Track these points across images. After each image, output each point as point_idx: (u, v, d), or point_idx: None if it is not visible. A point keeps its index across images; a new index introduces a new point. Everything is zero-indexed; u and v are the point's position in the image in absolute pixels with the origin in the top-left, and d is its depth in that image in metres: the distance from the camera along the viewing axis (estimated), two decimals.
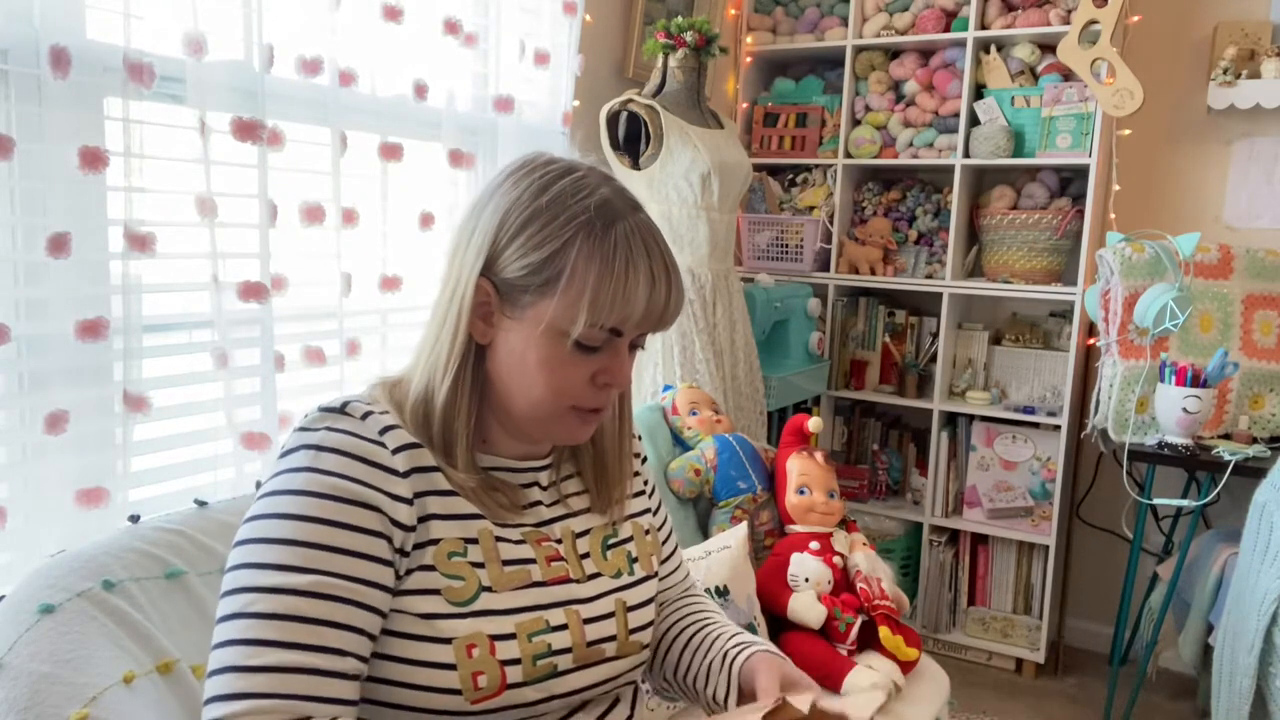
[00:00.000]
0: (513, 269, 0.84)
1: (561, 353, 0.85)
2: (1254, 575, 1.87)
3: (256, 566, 0.76)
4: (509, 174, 0.88)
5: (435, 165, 1.93)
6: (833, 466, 1.96)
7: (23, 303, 1.28)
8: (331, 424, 0.83)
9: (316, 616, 0.75)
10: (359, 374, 1.80)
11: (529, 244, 0.83)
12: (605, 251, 0.82)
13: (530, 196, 0.84)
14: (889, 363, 3.04)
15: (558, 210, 0.83)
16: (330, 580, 0.76)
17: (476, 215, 0.87)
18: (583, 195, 0.84)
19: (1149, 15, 2.72)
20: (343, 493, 0.79)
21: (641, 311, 0.84)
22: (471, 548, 0.85)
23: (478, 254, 0.85)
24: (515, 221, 0.84)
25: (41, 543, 1.28)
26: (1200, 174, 2.79)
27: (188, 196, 1.43)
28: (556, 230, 0.83)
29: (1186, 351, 2.49)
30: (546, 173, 0.86)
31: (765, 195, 3.06)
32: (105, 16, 1.32)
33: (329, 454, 0.80)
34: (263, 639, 0.74)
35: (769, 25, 3.10)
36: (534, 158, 0.89)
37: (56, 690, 0.88)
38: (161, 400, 1.41)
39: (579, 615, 0.89)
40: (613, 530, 0.98)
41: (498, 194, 0.86)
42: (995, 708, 2.64)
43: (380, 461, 0.81)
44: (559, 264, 0.82)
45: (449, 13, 1.89)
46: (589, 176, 0.87)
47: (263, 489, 0.81)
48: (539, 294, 0.83)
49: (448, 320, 0.86)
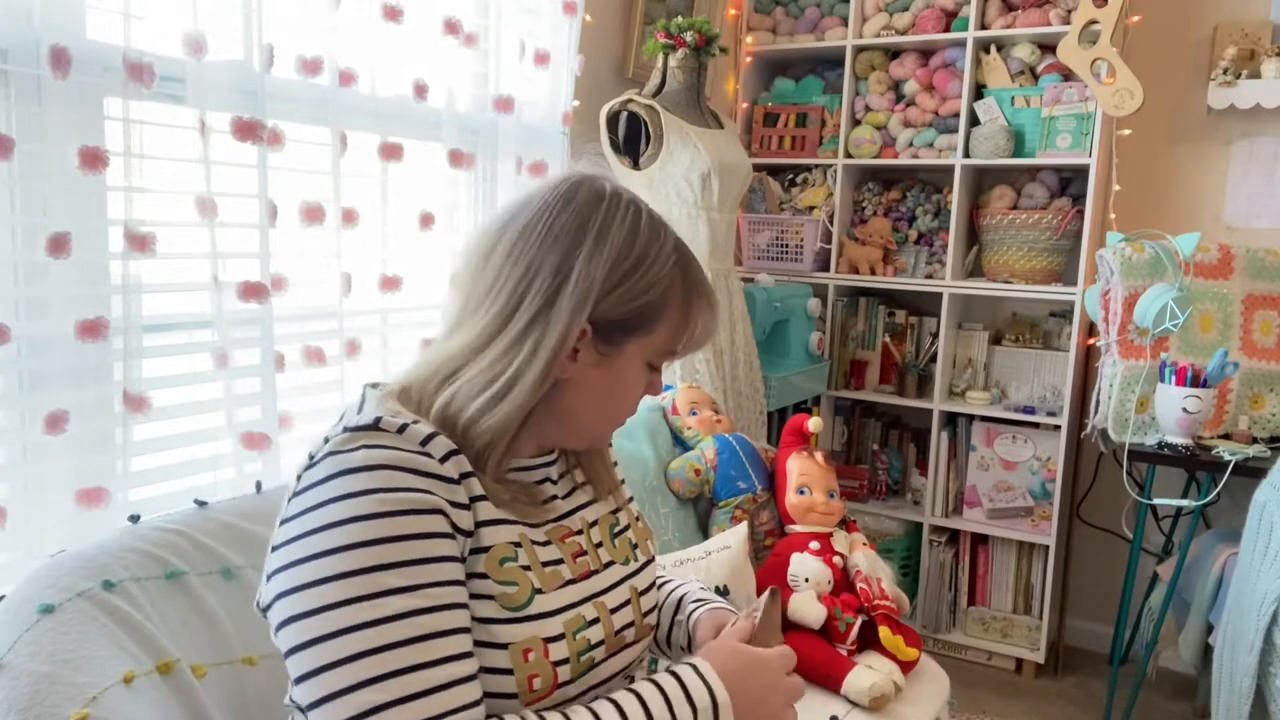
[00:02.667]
0: (616, 311, 0.87)
1: (640, 380, 0.92)
2: (1254, 575, 1.87)
3: (340, 604, 0.72)
4: (590, 209, 0.88)
5: (435, 165, 1.93)
6: (833, 466, 1.96)
7: (23, 303, 1.28)
8: (368, 442, 0.79)
9: (429, 631, 0.74)
10: (359, 374, 1.80)
11: (635, 289, 0.87)
12: (697, 288, 0.91)
13: (627, 242, 0.87)
14: (889, 363, 3.04)
15: (654, 254, 0.88)
16: (426, 591, 0.75)
17: (563, 251, 0.86)
18: (663, 236, 0.90)
19: (1149, 15, 2.72)
20: (407, 504, 0.76)
21: (709, 335, 0.94)
22: (519, 552, 0.86)
23: (585, 299, 0.85)
24: (622, 268, 0.86)
25: (41, 543, 1.28)
26: (1200, 174, 2.79)
27: (188, 196, 1.43)
28: (658, 275, 0.88)
29: (1186, 351, 2.49)
30: (628, 211, 0.89)
31: (765, 195, 3.06)
32: (105, 16, 1.32)
33: (379, 471, 0.77)
34: (391, 671, 0.71)
35: (769, 25, 3.10)
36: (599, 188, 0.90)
37: (56, 690, 0.88)
38: (161, 400, 1.41)
39: (606, 606, 0.91)
40: (615, 519, 1.01)
41: (591, 234, 0.86)
42: (995, 708, 2.64)
43: (432, 471, 0.80)
44: (660, 305, 0.88)
45: (449, 13, 1.89)
46: (653, 213, 0.92)
47: (305, 524, 0.76)
48: (636, 332, 0.89)
49: (534, 356, 0.84)
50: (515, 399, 0.84)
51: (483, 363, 0.86)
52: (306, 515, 0.77)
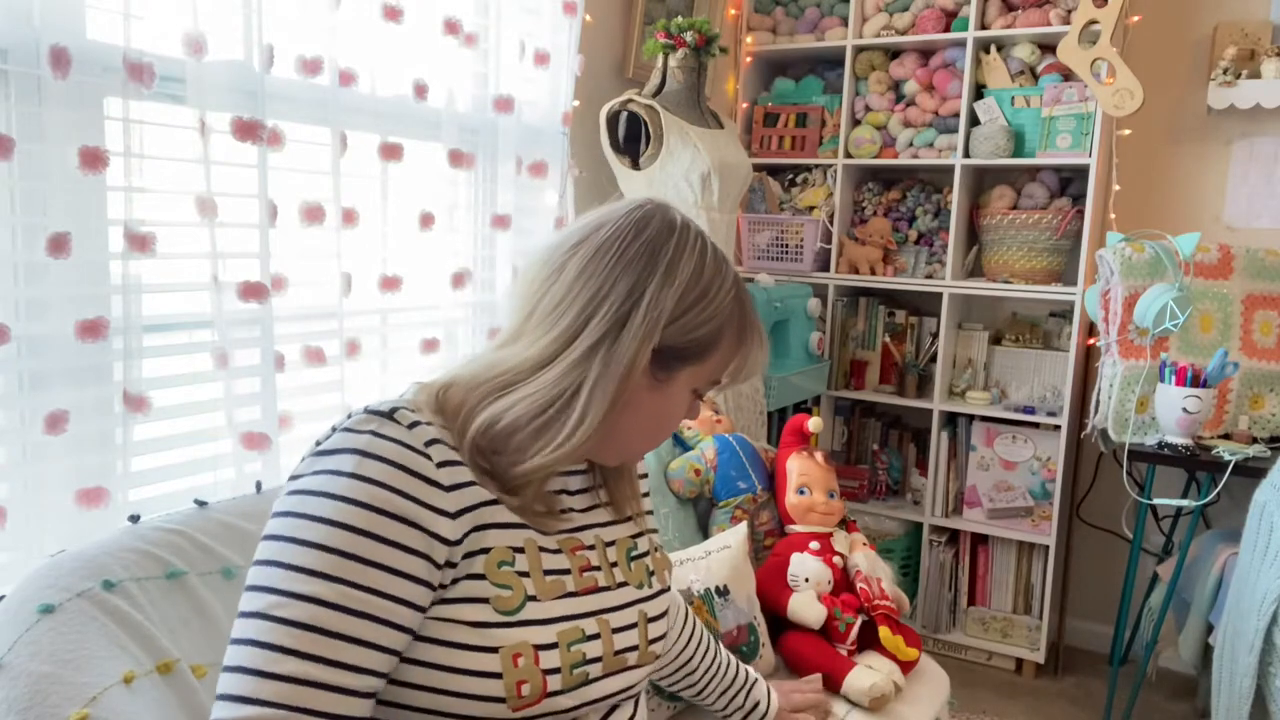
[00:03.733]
0: (678, 340, 0.88)
1: (686, 404, 0.95)
2: (1254, 575, 1.87)
3: (288, 568, 0.75)
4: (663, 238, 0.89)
5: (435, 165, 1.93)
6: (833, 466, 1.96)
7: (23, 303, 1.28)
8: (378, 429, 0.81)
9: (340, 631, 0.75)
10: (359, 374, 1.80)
11: (699, 319, 0.89)
12: (751, 324, 0.94)
13: (695, 274, 0.89)
14: (889, 363, 3.04)
15: (717, 288, 0.90)
16: (360, 594, 0.76)
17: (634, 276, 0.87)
18: (724, 270, 0.92)
19: (1149, 15, 2.72)
20: (385, 505, 0.77)
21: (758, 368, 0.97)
22: (519, 557, 0.86)
23: (655, 325, 0.86)
24: (689, 298, 0.88)
25: (41, 543, 1.28)
26: (1200, 174, 2.79)
27: (188, 196, 1.43)
28: (719, 308, 0.90)
29: (1186, 351, 2.49)
30: (697, 244, 0.91)
31: (765, 195, 3.06)
32: (105, 16, 1.32)
33: (375, 461, 0.79)
34: (283, 646, 0.74)
35: (769, 25, 3.10)
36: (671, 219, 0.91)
37: (56, 690, 0.88)
38: (161, 400, 1.41)
39: (609, 624, 0.92)
40: (634, 543, 1.01)
41: (663, 262, 0.88)
42: (995, 708, 2.64)
43: (425, 474, 0.80)
44: (716, 336, 0.91)
45: (449, 13, 1.89)
46: (717, 251, 0.93)
47: (299, 485, 0.80)
48: (691, 360, 0.90)
49: (604, 377, 0.85)
50: (584, 419, 0.85)
51: (544, 379, 0.85)
52: (306, 477, 0.80)
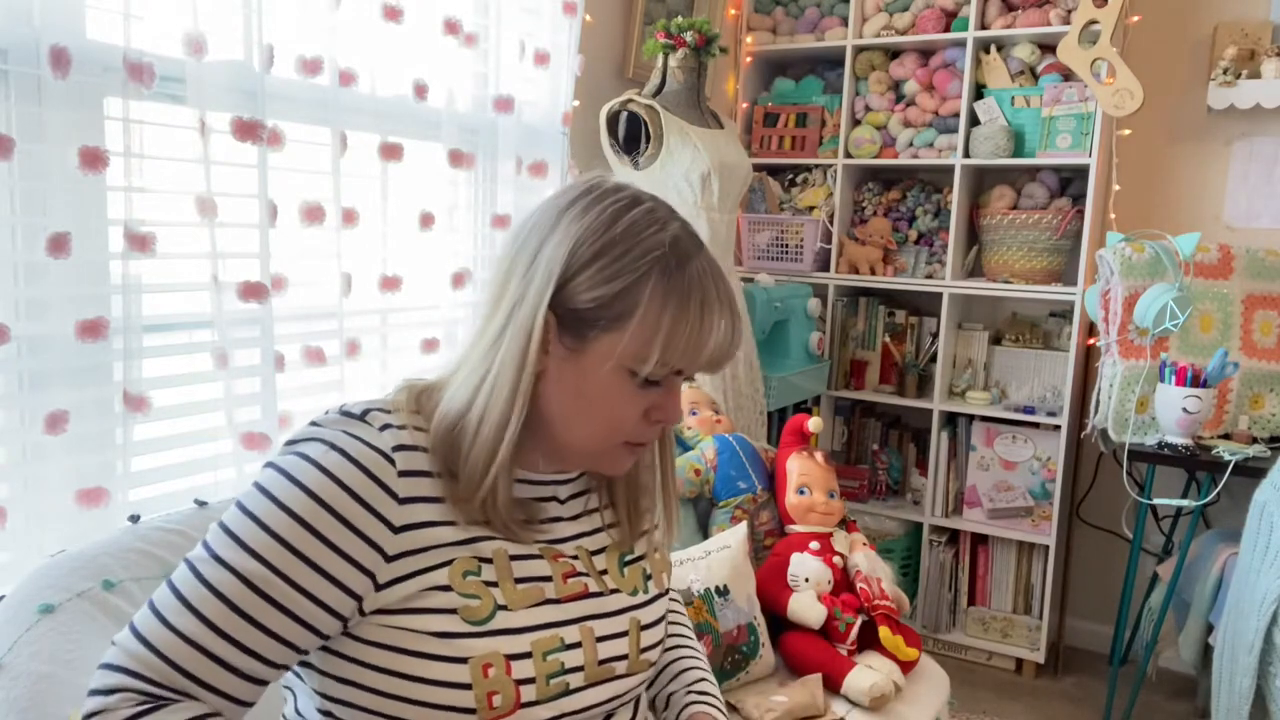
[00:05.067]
0: (581, 300, 0.81)
1: (623, 389, 0.83)
2: (1254, 575, 1.87)
3: (227, 532, 0.77)
4: (573, 199, 0.84)
5: (435, 165, 1.93)
6: (833, 466, 1.96)
7: (23, 303, 1.28)
8: (348, 428, 0.82)
9: (247, 611, 0.76)
10: (359, 374, 1.80)
11: (600, 276, 0.80)
12: (681, 291, 0.81)
13: (602, 226, 0.81)
14: (889, 363, 3.04)
15: (631, 243, 0.81)
16: (280, 583, 0.76)
17: (538, 240, 0.83)
18: (655, 229, 0.82)
19: (1149, 15, 2.72)
20: (334, 502, 0.77)
21: (709, 354, 0.83)
22: (485, 567, 0.83)
23: (546, 283, 0.81)
24: (586, 251, 0.81)
25: (41, 543, 1.28)
26: (1200, 174, 2.79)
27: (188, 196, 1.43)
28: (630, 264, 0.80)
29: (1186, 351, 2.49)
30: (617, 201, 0.83)
31: (765, 195, 3.06)
32: (105, 16, 1.32)
33: (338, 455, 0.79)
34: (190, 603, 0.76)
35: (769, 25, 3.10)
36: (598, 183, 0.86)
37: (56, 690, 0.88)
38: (161, 400, 1.41)
39: (593, 633, 0.88)
40: (629, 548, 0.97)
41: (565, 220, 0.83)
42: (995, 708, 2.64)
43: (384, 480, 0.79)
44: (632, 299, 0.80)
45: (449, 13, 1.89)
46: (658, 209, 0.85)
47: (271, 461, 0.81)
48: (607, 328, 0.81)
49: (507, 351, 0.82)
50: (498, 398, 0.82)
51: (469, 364, 0.85)
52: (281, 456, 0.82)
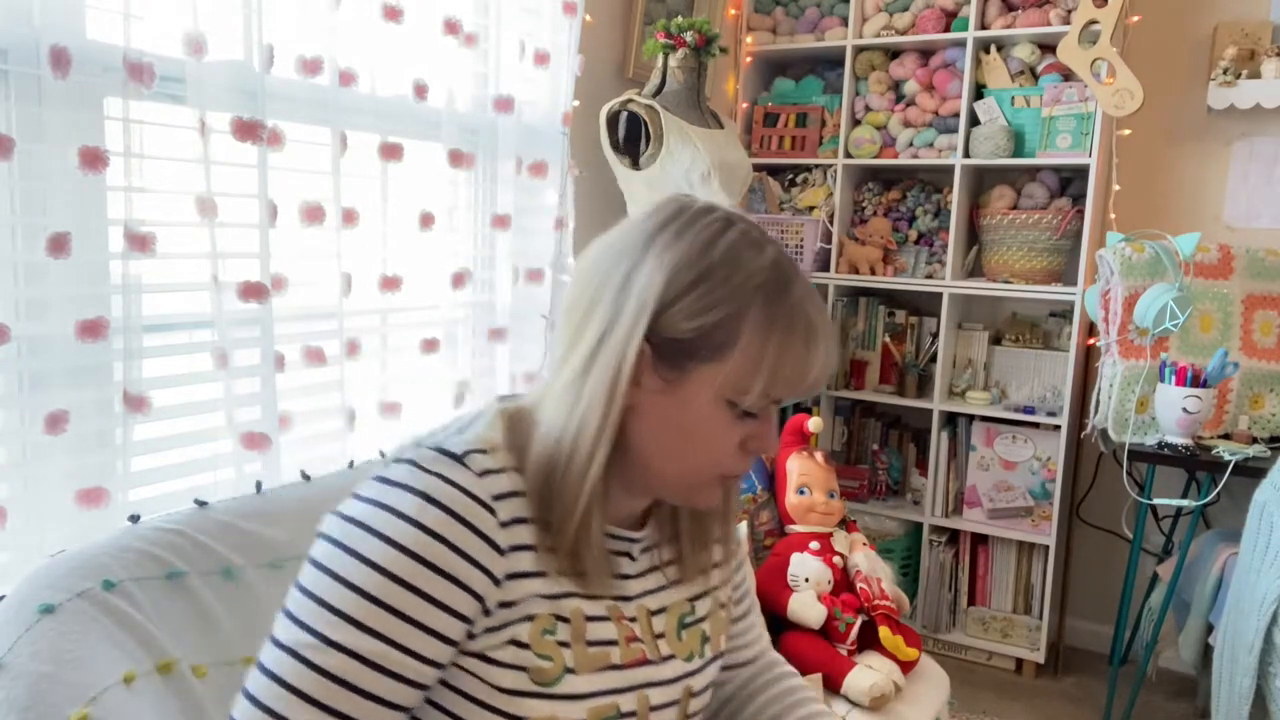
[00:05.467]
0: (679, 329, 0.76)
1: (721, 420, 0.79)
2: (1254, 575, 1.87)
3: (328, 608, 0.72)
4: (663, 222, 0.79)
5: (435, 165, 1.93)
6: (833, 466, 1.96)
7: (23, 303, 1.28)
8: (447, 473, 0.76)
9: (366, 688, 0.72)
10: (359, 374, 1.80)
11: (700, 304, 0.76)
12: (786, 318, 0.77)
13: (699, 250, 0.77)
14: (889, 363, 3.04)
15: (731, 268, 0.76)
16: (394, 654, 0.73)
17: (627, 266, 0.78)
18: (753, 252, 0.78)
19: (1149, 15, 2.72)
20: (437, 560, 0.73)
21: (813, 380, 0.79)
22: (561, 626, 0.81)
23: (640, 312, 0.76)
24: (684, 278, 0.76)
25: (41, 543, 1.28)
26: (1200, 174, 2.79)
27: (188, 196, 1.43)
28: (732, 290, 0.76)
29: (1186, 351, 2.49)
30: (711, 224, 0.79)
31: (765, 195, 3.06)
32: (105, 16, 1.32)
33: (437, 510, 0.74)
34: (306, 693, 0.72)
35: (769, 25, 3.10)
36: (687, 204, 0.81)
37: (56, 690, 0.88)
38: (161, 400, 1.41)
39: (649, 701, 0.86)
40: (691, 607, 0.93)
41: (656, 245, 0.78)
42: (995, 708, 2.64)
43: (486, 532, 0.75)
44: (734, 328, 0.76)
45: (449, 13, 1.88)
46: (752, 230, 0.80)
47: (354, 513, 0.75)
48: (706, 358, 0.77)
49: (596, 383, 0.78)
50: (586, 435, 0.77)
51: (554, 396, 0.80)
52: (362, 505, 0.76)
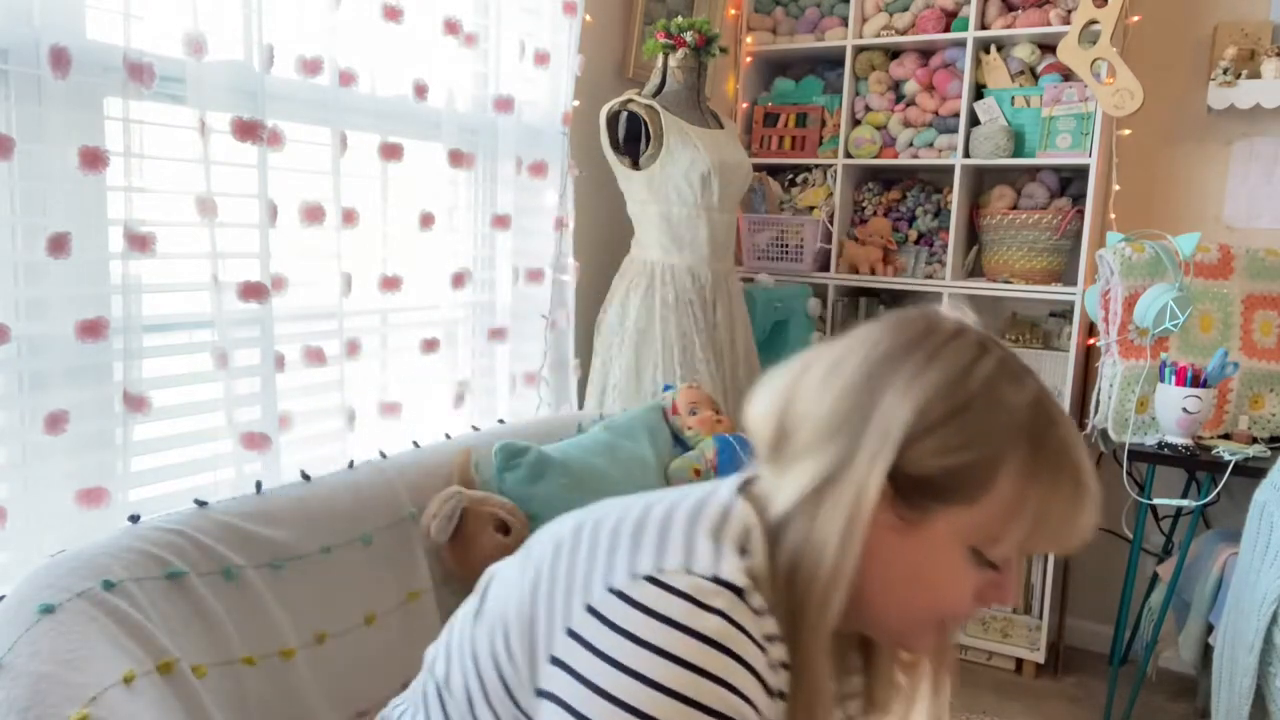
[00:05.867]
0: (925, 467, 0.69)
1: (960, 567, 0.71)
2: (1254, 575, 1.87)
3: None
4: (912, 342, 0.72)
5: (435, 165, 1.93)
6: None
7: (23, 303, 1.28)
8: (730, 612, 0.67)
9: None
10: (359, 374, 1.80)
11: (953, 441, 0.68)
12: (1051, 464, 0.69)
13: (954, 380, 0.69)
14: None
15: (989, 403, 0.69)
16: None
17: (871, 389, 0.71)
18: (1013, 386, 0.70)
19: (1149, 15, 2.72)
20: (728, 711, 0.65)
21: (1078, 534, 0.71)
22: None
23: (883, 445, 0.69)
24: (936, 411, 0.68)
25: (41, 543, 1.28)
26: (1200, 174, 2.79)
27: (188, 196, 1.43)
28: (990, 429, 0.68)
29: (1186, 351, 2.49)
30: (963, 348, 0.71)
31: (765, 195, 3.06)
32: (105, 16, 1.32)
33: (724, 657, 0.65)
34: None
35: (769, 25, 3.10)
36: (935, 322, 0.74)
37: (56, 690, 0.88)
38: (161, 400, 1.41)
39: None
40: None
41: (905, 368, 0.70)
42: (995, 708, 2.64)
43: (765, 678, 0.68)
44: (990, 471, 0.68)
45: (449, 13, 1.89)
46: (1010, 360, 0.72)
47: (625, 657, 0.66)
48: (954, 501, 0.69)
49: (828, 520, 0.70)
50: (818, 577, 0.70)
51: (793, 521, 0.73)
52: (633, 651, 0.66)
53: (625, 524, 0.75)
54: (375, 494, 1.52)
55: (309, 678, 1.27)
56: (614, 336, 2.34)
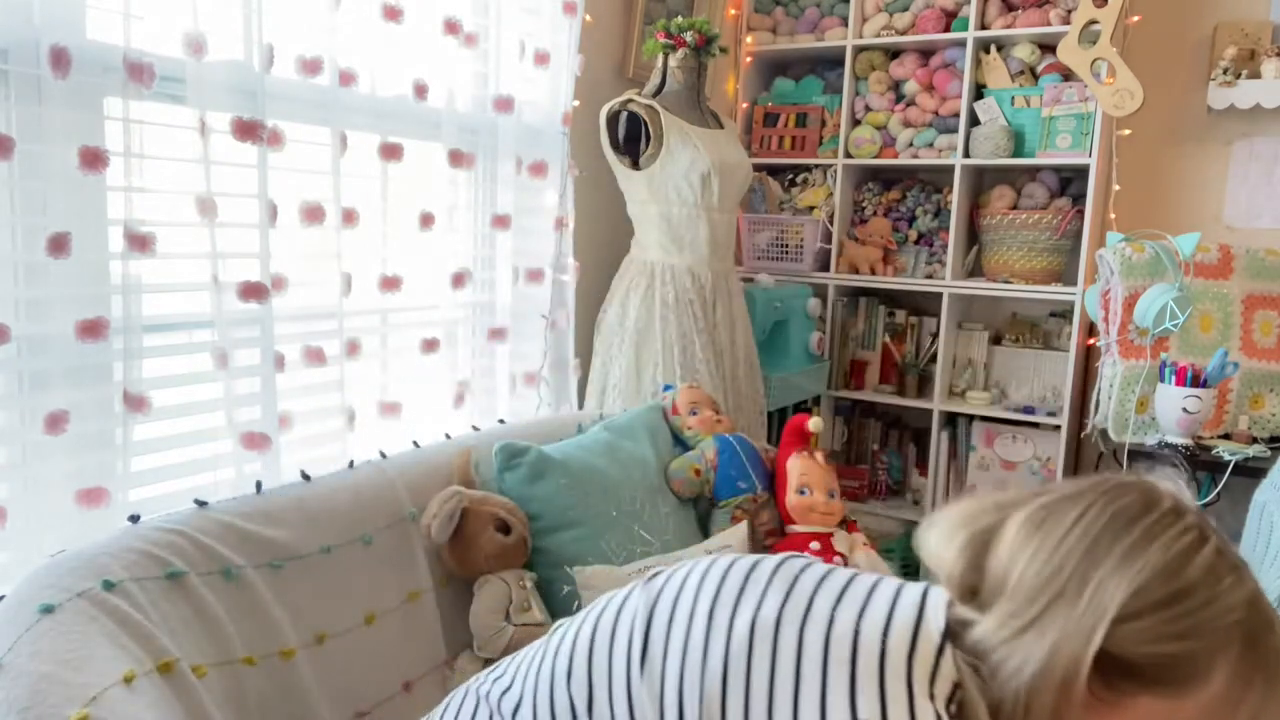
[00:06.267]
0: (1131, 649, 0.66)
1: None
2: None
3: None
4: (1133, 519, 0.71)
5: (435, 165, 1.93)
6: (833, 466, 1.96)
7: (23, 303, 1.28)
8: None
9: None
10: (359, 374, 1.80)
11: (1165, 629, 0.66)
12: (1266, 671, 0.67)
13: (1173, 565, 0.68)
14: (889, 363, 3.04)
15: (1207, 596, 0.67)
16: None
17: (1088, 559, 0.69)
18: (1232, 579, 0.68)
19: (1149, 15, 2.72)
20: None
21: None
22: None
23: (1096, 621, 0.66)
24: (1152, 595, 0.67)
25: (41, 543, 1.28)
26: (1200, 174, 2.79)
27: (188, 196, 1.43)
28: (1206, 622, 0.66)
29: (1186, 351, 2.49)
30: (1184, 532, 0.69)
31: (765, 195, 3.06)
32: (105, 16, 1.32)
33: None
34: None
35: (769, 25, 3.10)
36: (1154, 498, 0.72)
37: (56, 690, 0.88)
38: (161, 400, 1.41)
39: None
40: None
41: (1122, 543, 0.69)
42: None
43: None
44: (1202, 665, 0.66)
45: (449, 13, 1.89)
46: (1227, 550, 0.71)
47: None
48: (1157, 691, 0.67)
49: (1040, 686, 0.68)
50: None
51: (990, 680, 0.71)
52: None
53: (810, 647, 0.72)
54: (375, 494, 1.52)
55: (309, 678, 1.27)
56: (614, 336, 2.34)
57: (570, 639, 0.84)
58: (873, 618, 0.73)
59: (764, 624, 0.73)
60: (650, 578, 0.84)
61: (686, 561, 0.85)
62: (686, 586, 0.80)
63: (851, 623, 0.72)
